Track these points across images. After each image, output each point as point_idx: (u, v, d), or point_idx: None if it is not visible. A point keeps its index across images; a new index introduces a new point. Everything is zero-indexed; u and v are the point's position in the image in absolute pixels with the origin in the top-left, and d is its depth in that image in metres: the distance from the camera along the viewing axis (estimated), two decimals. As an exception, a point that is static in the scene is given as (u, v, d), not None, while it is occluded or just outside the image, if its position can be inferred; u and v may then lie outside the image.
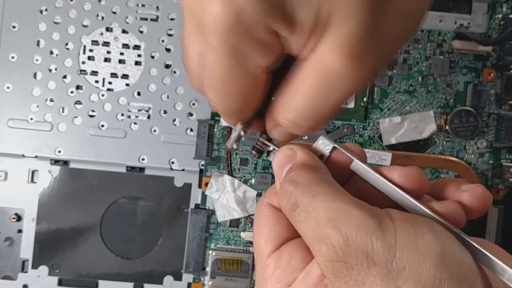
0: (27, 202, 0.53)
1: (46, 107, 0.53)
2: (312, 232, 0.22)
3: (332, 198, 0.22)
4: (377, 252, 0.20)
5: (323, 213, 0.21)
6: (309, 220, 0.22)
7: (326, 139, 0.26)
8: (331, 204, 0.22)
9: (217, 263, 0.52)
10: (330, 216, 0.21)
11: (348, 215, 0.21)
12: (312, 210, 0.22)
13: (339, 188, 0.23)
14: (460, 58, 0.53)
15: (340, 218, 0.21)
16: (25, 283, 0.53)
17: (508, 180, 0.53)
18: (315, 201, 0.22)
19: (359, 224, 0.21)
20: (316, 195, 0.22)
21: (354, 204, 0.22)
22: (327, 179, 0.23)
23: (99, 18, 0.53)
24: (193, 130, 0.53)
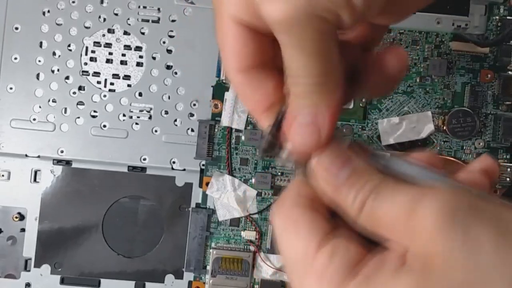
0: (29, 201, 0.54)
1: (49, 107, 0.53)
2: (402, 205, 0.21)
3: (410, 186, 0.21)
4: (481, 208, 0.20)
5: (409, 190, 0.21)
6: (396, 198, 0.21)
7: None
8: (413, 187, 0.21)
9: (217, 262, 0.52)
10: (419, 188, 0.21)
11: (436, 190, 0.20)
12: (397, 192, 0.21)
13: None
14: (458, 59, 0.53)
15: (430, 187, 0.21)
16: (27, 282, 0.53)
17: (505, 180, 0.53)
18: (397, 188, 0.21)
19: (455, 187, 0.20)
20: (397, 185, 0.22)
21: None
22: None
23: (101, 20, 0.54)
24: (194, 131, 0.53)
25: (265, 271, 0.53)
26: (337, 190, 0.23)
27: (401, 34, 0.53)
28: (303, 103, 0.22)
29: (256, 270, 0.53)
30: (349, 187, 0.23)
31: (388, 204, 0.21)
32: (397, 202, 0.21)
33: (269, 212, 0.53)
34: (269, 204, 0.53)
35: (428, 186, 0.21)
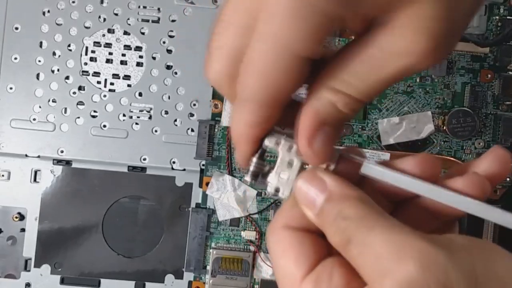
0: (29, 201, 0.54)
1: (49, 107, 0.53)
2: (371, 268, 0.20)
3: (390, 230, 0.20)
4: (457, 283, 0.19)
5: (383, 247, 0.20)
6: (366, 255, 0.20)
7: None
8: (391, 236, 0.20)
9: (217, 262, 0.52)
10: (391, 249, 0.20)
11: (412, 246, 0.19)
12: (369, 244, 0.20)
13: (391, 217, 0.21)
14: (458, 59, 0.53)
15: (404, 251, 0.19)
16: (27, 282, 0.53)
17: (505, 180, 0.53)
18: (372, 234, 0.20)
19: (428, 255, 0.19)
20: (371, 229, 0.21)
21: (414, 234, 0.20)
22: (377, 209, 0.21)
23: (101, 20, 0.54)
24: (194, 131, 0.53)
25: (265, 271, 0.53)
26: (316, 217, 0.23)
27: (401, 34, 0.53)
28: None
29: (256, 270, 0.53)
30: (325, 217, 0.22)
31: (360, 260, 0.21)
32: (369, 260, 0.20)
33: (269, 212, 0.53)
34: (269, 204, 0.53)
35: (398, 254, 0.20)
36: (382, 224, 0.21)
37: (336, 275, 0.22)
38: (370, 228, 0.21)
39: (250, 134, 0.24)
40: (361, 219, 0.21)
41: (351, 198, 0.22)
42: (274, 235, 0.24)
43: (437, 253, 0.19)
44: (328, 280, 0.22)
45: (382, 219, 0.21)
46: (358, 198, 0.22)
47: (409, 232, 0.20)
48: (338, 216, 0.22)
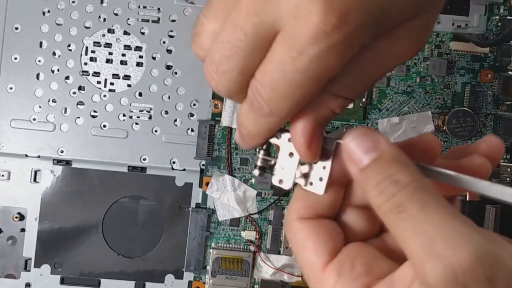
0: (29, 201, 0.54)
1: (49, 107, 0.53)
2: (423, 247, 0.20)
3: (443, 213, 0.20)
4: (502, 278, 0.19)
5: (438, 229, 0.20)
6: (420, 232, 0.20)
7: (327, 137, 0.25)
8: (444, 220, 0.20)
9: (217, 262, 0.52)
10: (446, 233, 0.20)
11: (469, 237, 0.20)
12: (425, 221, 0.20)
13: (443, 199, 0.21)
14: (458, 59, 0.53)
15: (460, 239, 0.20)
16: (27, 282, 0.53)
17: (505, 180, 0.53)
18: (427, 211, 0.20)
19: (482, 248, 0.19)
20: (426, 204, 0.21)
21: (467, 223, 0.20)
22: (431, 188, 0.21)
23: (101, 20, 0.54)
24: (194, 131, 0.53)
25: (265, 271, 0.53)
26: (359, 172, 0.23)
27: (401, 34, 0.53)
28: None
29: (256, 270, 0.53)
30: (372, 175, 0.22)
31: (408, 233, 0.21)
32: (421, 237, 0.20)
33: (269, 212, 0.53)
34: (269, 204, 0.53)
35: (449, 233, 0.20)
36: (436, 201, 0.21)
37: (358, 263, 0.23)
38: (424, 203, 0.21)
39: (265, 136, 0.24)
40: (415, 190, 0.21)
41: (407, 164, 0.22)
42: (290, 228, 0.25)
43: (490, 247, 0.20)
44: (350, 269, 0.23)
45: (434, 195, 0.21)
46: (412, 166, 0.22)
47: (463, 220, 0.20)
48: (389, 178, 0.22)
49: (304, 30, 0.20)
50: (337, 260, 0.23)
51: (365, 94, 0.53)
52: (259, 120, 0.23)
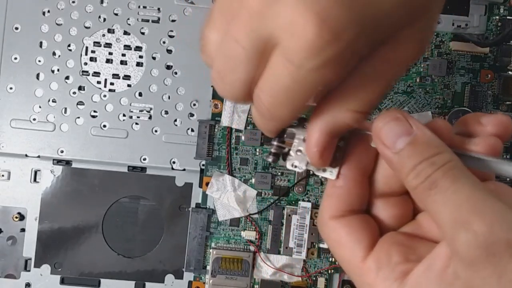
0: (29, 201, 0.54)
1: (49, 107, 0.53)
2: (450, 215, 0.22)
3: (473, 186, 0.22)
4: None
5: (466, 198, 0.22)
6: (449, 202, 0.22)
7: None
8: (473, 191, 0.22)
9: (217, 262, 0.52)
10: (473, 202, 0.21)
11: (490, 206, 0.21)
12: (454, 192, 0.22)
13: (475, 178, 0.23)
14: (458, 59, 0.53)
15: (484, 207, 0.21)
16: (27, 282, 0.53)
17: (505, 180, 0.53)
18: (457, 183, 0.22)
19: (503, 215, 0.21)
20: (458, 179, 0.22)
21: (492, 196, 0.22)
22: (463, 167, 0.23)
23: (101, 20, 0.54)
24: (194, 131, 0.53)
25: (265, 271, 0.53)
26: (394, 155, 0.24)
27: (401, 34, 0.53)
28: None
29: (256, 270, 0.53)
30: (408, 158, 0.23)
31: (439, 205, 0.22)
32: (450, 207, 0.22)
33: (269, 212, 0.53)
34: (269, 204, 0.53)
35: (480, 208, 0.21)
36: (467, 176, 0.22)
37: (394, 253, 0.24)
38: (455, 178, 0.22)
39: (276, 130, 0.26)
40: (448, 169, 0.22)
41: (440, 146, 0.23)
42: (325, 228, 0.26)
43: (507, 215, 0.21)
44: (387, 260, 0.24)
45: (466, 172, 0.23)
46: (445, 148, 0.23)
47: (489, 193, 0.22)
48: (425, 161, 0.23)
49: (299, 45, 0.21)
50: (374, 253, 0.25)
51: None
52: (265, 122, 0.25)
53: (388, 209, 0.26)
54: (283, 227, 0.53)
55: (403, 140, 0.24)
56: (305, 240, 0.52)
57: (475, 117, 0.26)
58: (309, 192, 0.53)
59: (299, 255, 0.52)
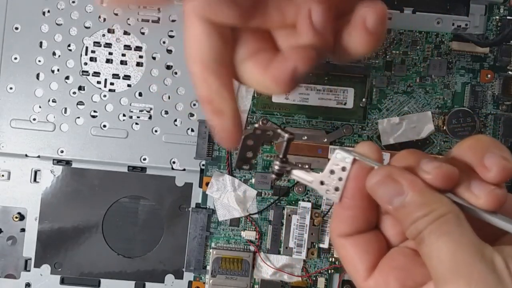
0: (29, 201, 0.54)
1: (49, 107, 0.53)
2: (434, 270, 0.23)
3: (457, 242, 0.23)
4: None
5: (446, 256, 0.23)
6: (433, 258, 0.23)
7: (343, 151, 0.27)
8: (456, 248, 0.23)
9: (217, 262, 0.52)
10: (452, 261, 0.23)
11: (469, 266, 0.22)
12: (436, 249, 0.23)
13: (466, 228, 0.24)
14: (458, 59, 0.53)
15: (461, 267, 0.22)
16: (27, 282, 0.53)
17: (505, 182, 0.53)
18: (441, 240, 0.23)
19: (480, 279, 0.22)
20: (443, 235, 0.23)
21: (477, 253, 0.23)
22: (452, 215, 0.24)
23: (100, 20, 0.54)
24: (194, 131, 0.53)
25: (265, 271, 0.53)
26: (393, 211, 0.25)
27: (401, 34, 0.53)
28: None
29: (256, 270, 0.53)
30: (403, 216, 0.25)
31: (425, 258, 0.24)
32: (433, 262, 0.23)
33: (269, 212, 0.53)
34: (269, 204, 0.53)
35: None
36: (454, 232, 0.23)
37: (392, 280, 0.25)
38: (442, 233, 0.23)
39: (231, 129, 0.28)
40: (438, 224, 0.24)
41: (431, 204, 0.24)
42: (334, 243, 0.28)
43: (487, 277, 0.22)
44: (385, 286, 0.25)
45: (454, 227, 0.24)
46: (439, 204, 0.24)
47: (473, 250, 0.23)
48: (418, 219, 0.24)
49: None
50: (374, 276, 0.26)
51: (365, 94, 0.53)
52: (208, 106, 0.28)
53: (394, 226, 0.27)
54: (283, 227, 0.53)
55: (398, 199, 0.25)
56: (305, 240, 0.52)
57: (480, 149, 0.26)
58: (309, 192, 0.53)
59: (299, 255, 0.52)
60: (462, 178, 0.25)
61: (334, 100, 0.53)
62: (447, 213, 0.24)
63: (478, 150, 0.26)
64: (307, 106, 0.53)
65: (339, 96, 0.52)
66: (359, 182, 0.26)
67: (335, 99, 0.53)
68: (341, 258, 0.27)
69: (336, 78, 0.53)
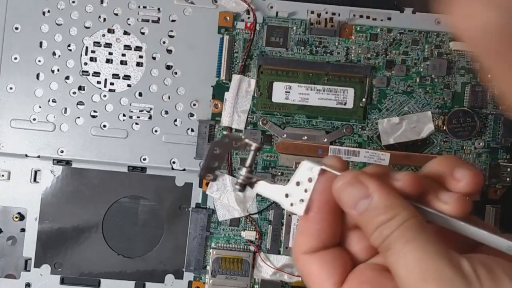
0: (29, 201, 0.54)
1: (49, 107, 0.53)
2: (402, 278, 0.23)
3: (423, 248, 0.23)
4: None
5: (414, 263, 0.23)
6: (400, 266, 0.23)
7: (310, 162, 0.26)
8: (422, 254, 0.23)
9: (217, 262, 0.52)
10: (420, 267, 0.22)
11: (437, 271, 0.22)
12: (403, 256, 0.23)
13: (431, 234, 0.24)
14: (458, 59, 0.53)
15: (430, 273, 0.22)
16: (27, 282, 0.53)
17: (505, 180, 0.53)
18: (407, 247, 0.23)
19: (449, 283, 0.22)
20: (408, 241, 0.23)
21: (444, 258, 0.22)
22: (417, 221, 0.24)
23: (101, 20, 0.54)
24: (194, 131, 0.53)
25: (265, 271, 0.53)
26: (357, 216, 0.25)
27: (401, 34, 0.53)
28: None
29: (256, 270, 0.53)
30: (367, 221, 0.25)
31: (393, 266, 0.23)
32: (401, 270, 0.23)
33: (269, 212, 0.53)
34: (269, 204, 0.53)
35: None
36: (419, 238, 0.23)
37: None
38: (408, 240, 0.23)
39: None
40: (403, 230, 0.24)
41: (395, 208, 0.24)
42: (297, 262, 0.27)
43: (456, 281, 0.22)
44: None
45: (419, 233, 0.23)
46: (402, 208, 0.24)
47: (440, 256, 0.23)
48: (382, 224, 0.24)
49: None
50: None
51: (365, 94, 0.53)
52: None
53: (360, 242, 0.27)
54: (283, 227, 0.53)
55: (363, 203, 0.25)
56: (305, 240, 0.52)
57: (449, 165, 0.26)
58: (309, 192, 0.53)
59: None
60: (432, 188, 0.26)
61: (334, 100, 0.53)
62: (411, 218, 0.24)
63: (448, 165, 0.26)
64: (307, 106, 0.53)
65: (339, 96, 0.52)
66: (326, 193, 0.26)
67: (335, 99, 0.53)
68: (305, 276, 0.27)
69: (336, 78, 0.53)
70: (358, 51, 0.53)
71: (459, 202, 0.25)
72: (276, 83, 0.53)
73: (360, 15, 0.53)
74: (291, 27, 0.53)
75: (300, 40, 0.53)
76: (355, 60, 0.53)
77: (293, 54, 0.53)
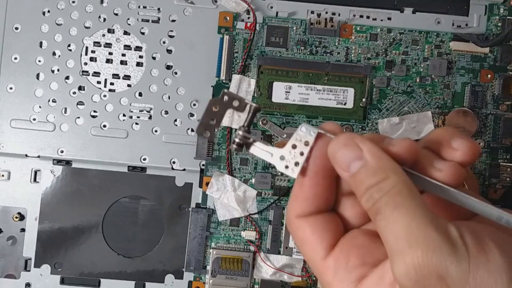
0: (30, 201, 0.54)
1: (49, 107, 0.53)
2: (390, 243, 0.23)
3: (412, 214, 0.23)
4: (452, 276, 0.21)
5: (402, 228, 0.23)
6: (389, 231, 0.23)
7: (308, 125, 0.27)
8: (411, 220, 0.23)
9: (217, 262, 0.52)
10: (408, 233, 0.22)
11: (425, 236, 0.22)
12: (393, 221, 0.23)
13: (419, 201, 0.24)
14: (458, 59, 0.53)
15: (417, 238, 0.22)
16: (27, 282, 0.53)
17: (505, 180, 0.53)
18: (397, 211, 0.23)
19: (435, 248, 0.22)
20: (398, 207, 0.23)
21: (431, 224, 0.23)
22: (408, 186, 0.24)
23: (101, 20, 0.54)
24: (194, 131, 0.53)
25: (265, 271, 0.53)
26: (349, 178, 0.25)
27: (401, 34, 0.53)
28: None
29: (256, 270, 0.53)
30: (359, 183, 0.25)
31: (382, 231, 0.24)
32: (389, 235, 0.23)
33: (269, 212, 0.53)
34: (269, 204, 0.53)
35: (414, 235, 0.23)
36: (408, 204, 0.23)
37: (352, 256, 0.25)
38: (397, 205, 0.23)
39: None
40: (392, 195, 0.24)
41: (386, 171, 0.24)
42: (290, 226, 0.27)
43: (442, 246, 0.22)
44: (345, 263, 0.25)
45: (410, 199, 0.23)
46: (393, 172, 0.24)
47: (428, 220, 0.23)
48: (372, 186, 0.24)
49: None
50: (333, 254, 0.26)
51: (365, 94, 0.53)
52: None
53: (353, 207, 0.27)
54: (283, 227, 0.53)
55: (356, 164, 0.25)
56: (305, 240, 0.52)
57: (448, 135, 0.26)
58: (309, 192, 0.53)
59: (299, 255, 0.52)
60: (428, 157, 0.26)
61: (334, 100, 0.53)
62: (400, 183, 0.24)
63: (447, 135, 0.26)
64: (307, 106, 0.53)
65: (339, 96, 0.52)
66: (323, 158, 0.26)
67: (335, 99, 0.53)
68: (298, 240, 0.27)
69: (336, 78, 0.53)
70: (358, 51, 0.53)
71: (453, 170, 0.25)
72: (276, 83, 0.53)
73: (360, 15, 0.53)
74: (291, 27, 0.53)
75: (300, 40, 0.53)
76: (355, 60, 0.53)
77: (293, 54, 0.53)
